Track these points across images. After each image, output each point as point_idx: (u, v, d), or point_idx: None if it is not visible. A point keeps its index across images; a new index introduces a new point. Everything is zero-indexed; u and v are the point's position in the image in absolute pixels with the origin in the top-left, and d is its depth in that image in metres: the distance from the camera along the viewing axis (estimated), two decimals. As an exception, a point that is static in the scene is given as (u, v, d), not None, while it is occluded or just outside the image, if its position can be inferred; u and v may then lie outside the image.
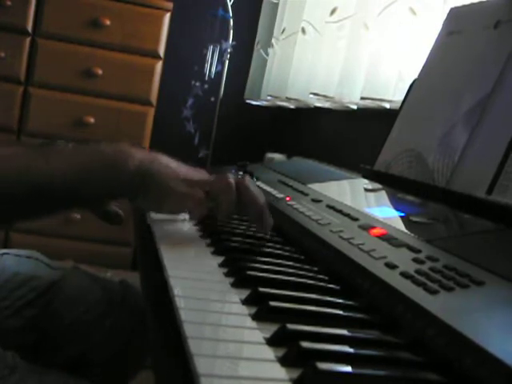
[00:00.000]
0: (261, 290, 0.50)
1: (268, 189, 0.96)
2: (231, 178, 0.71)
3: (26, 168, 0.65)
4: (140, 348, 0.98)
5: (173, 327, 0.44)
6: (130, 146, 0.72)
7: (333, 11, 1.71)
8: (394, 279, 0.50)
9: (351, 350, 0.41)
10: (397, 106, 1.12)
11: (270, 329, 0.43)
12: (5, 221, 0.98)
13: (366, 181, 0.95)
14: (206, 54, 2.43)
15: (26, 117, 2.14)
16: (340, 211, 0.74)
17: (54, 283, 0.95)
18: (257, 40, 2.46)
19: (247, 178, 0.74)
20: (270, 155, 1.77)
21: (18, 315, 0.90)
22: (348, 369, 0.38)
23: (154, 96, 2.21)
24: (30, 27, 2.11)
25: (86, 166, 0.68)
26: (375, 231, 0.64)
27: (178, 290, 0.50)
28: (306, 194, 0.87)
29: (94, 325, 0.94)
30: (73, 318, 0.93)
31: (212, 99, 2.43)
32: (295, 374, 0.37)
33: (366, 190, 0.91)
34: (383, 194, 0.87)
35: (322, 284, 0.57)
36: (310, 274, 0.59)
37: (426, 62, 0.99)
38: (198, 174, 0.72)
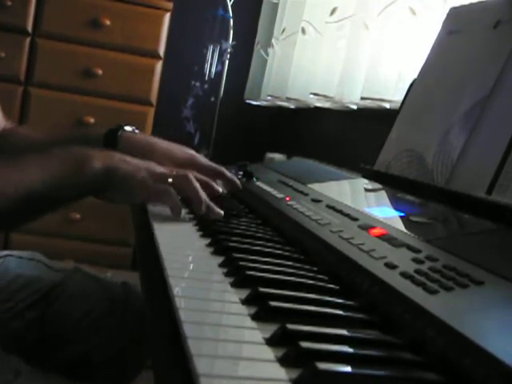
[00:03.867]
0: (260, 289, 0.50)
1: (268, 189, 0.96)
2: (191, 175, 0.78)
3: (9, 180, 0.71)
4: (141, 349, 0.98)
5: (172, 327, 0.44)
6: (94, 150, 0.80)
7: (333, 11, 1.71)
8: (393, 279, 0.50)
9: (351, 350, 0.41)
10: (397, 106, 1.12)
11: (270, 329, 0.43)
12: None
13: (365, 181, 0.95)
14: (206, 54, 2.43)
15: (26, 117, 2.14)
16: (340, 211, 0.74)
17: (56, 285, 0.95)
18: (257, 40, 2.46)
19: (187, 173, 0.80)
20: (270, 155, 1.77)
21: (20, 317, 0.90)
22: (348, 369, 0.38)
23: (153, 96, 2.21)
24: (29, 27, 2.11)
25: (53, 175, 0.74)
26: (375, 231, 0.64)
27: (177, 289, 0.50)
28: (306, 194, 0.87)
29: (95, 326, 0.94)
30: (75, 320, 0.93)
31: (212, 99, 2.43)
32: (295, 374, 0.37)
33: (366, 190, 0.91)
34: (383, 194, 0.87)
35: (321, 284, 0.57)
36: (310, 274, 0.59)
37: (426, 61, 0.99)
38: (161, 169, 0.79)
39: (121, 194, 0.79)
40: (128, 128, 0.93)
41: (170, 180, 0.77)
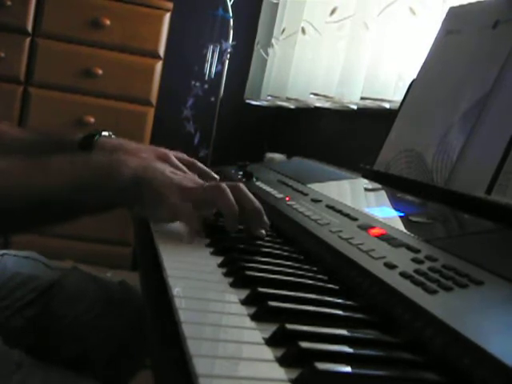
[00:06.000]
0: (260, 290, 0.50)
1: (268, 189, 0.96)
2: (224, 184, 0.70)
3: (25, 183, 0.66)
4: (139, 348, 0.98)
5: (172, 327, 0.44)
6: (125, 153, 0.73)
7: (333, 11, 1.72)
8: (393, 279, 0.50)
9: (350, 350, 0.41)
10: (397, 105, 1.12)
11: (269, 329, 0.43)
12: (3, 233, 0.99)
13: (365, 181, 0.95)
14: (206, 54, 2.43)
15: (26, 117, 2.14)
16: (339, 211, 0.74)
17: (54, 283, 0.95)
18: (257, 40, 2.46)
19: (240, 183, 0.73)
20: (269, 155, 1.77)
21: (18, 315, 0.90)
22: (347, 369, 0.38)
23: (153, 96, 2.21)
24: (29, 27, 2.11)
25: (81, 178, 0.68)
26: (374, 231, 0.64)
27: (177, 290, 0.50)
28: (306, 194, 0.87)
29: (93, 325, 0.94)
30: (72, 318, 0.93)
31: (212, 99, 2.43)
32: (294, 374, 0.37)
33: (366, 189, 0.91)
34: (383, 194, 0.87)
35: (321, 284, 0.57)
36: (309, 274, 0.59)
37: (425, 61, 0.99)
38: (192, 183, 0.71)
39: (150, 209, 0.71)
40: (105, 133, 0.90)
41: (202, 194, 0.69)
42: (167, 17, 2.18)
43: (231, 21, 2.38)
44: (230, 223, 0.69)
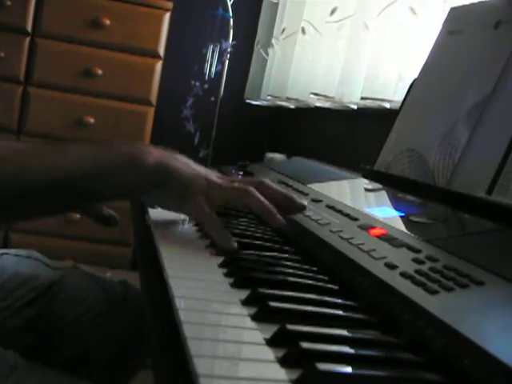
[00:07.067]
0: (260, 290, 0.50)
1: (268, 189, 0.96)
2: (251, 188, 0.70)
3: (46, 164, 0.66)
4: (140, 348, 0.98)
5: (172, 328, 0.44)
6: (148, 145, 0.72)
7: (333, 11, 1.72)
8: (393, 279, 0.50)
9: (351, 351, 0.41)
10: (397, 105, 1.12)
11: (270, 329, 0.43)
12: (25, 217, 0.95)
13: (366, 181, 0.95)
14: (206, 54, 2.43)
15: (26, 117, 2.14)
16: (340, 211, 0.74)
17: (54, 283, 0.95)
18: (257, 40, 2.46)
19: (263, 180, 0.73)
20: (270, 155, 1.77)
21: (17, 316, 0.90)
22: (348, 369, 0.38)
23: (153, 96, 2.21)
24: (29, 27, 2.11)
25: (102, 160, 0.68)
26: (375, 231, 0.64)
27: (177, 290, 0.50)
28: (306, 194, 0.87)
29: (93, 325, 0.94)
30: (72, 318, 0.93)
31: (212, 99, 2.43)
32: (295, 374, 0.37)
33: (366, 189, 0.91)
34: (383, 194, 0.87)
35: (321, 284, 0.57)
36: (310, 274, 0.59)
37: (426, 61, 0.99)
38: (219, 179, 0.71)
39: (171, 199, 0.71)
40: None
41: (227, 192, 0.69)
42: (167, 17, 2.18)
43: (231, 21, 2.38)
44: (274, 221, 0.69)
